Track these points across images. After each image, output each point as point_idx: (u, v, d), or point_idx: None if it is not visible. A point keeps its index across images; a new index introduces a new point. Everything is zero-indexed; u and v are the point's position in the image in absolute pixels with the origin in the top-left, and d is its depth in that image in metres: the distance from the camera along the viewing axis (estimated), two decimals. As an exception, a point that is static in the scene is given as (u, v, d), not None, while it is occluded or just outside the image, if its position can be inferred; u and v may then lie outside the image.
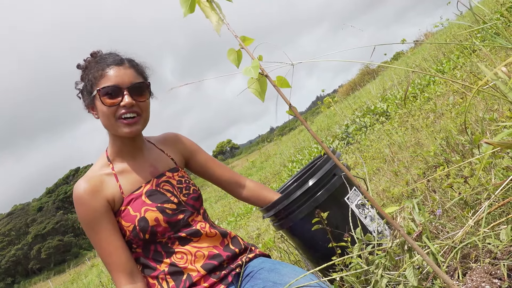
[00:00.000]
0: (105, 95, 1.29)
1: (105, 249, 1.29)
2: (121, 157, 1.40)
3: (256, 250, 1.47)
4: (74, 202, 1.32)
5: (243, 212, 6.11)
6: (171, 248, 1.33)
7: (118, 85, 1.30)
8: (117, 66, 1.33)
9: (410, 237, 0.91)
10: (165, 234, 1.32)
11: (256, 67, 0.83)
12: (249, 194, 1.64)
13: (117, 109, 1.30)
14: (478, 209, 1.26)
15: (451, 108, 2.87)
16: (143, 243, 1.32)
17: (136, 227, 1.29)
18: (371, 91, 7.90)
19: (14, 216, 62.72)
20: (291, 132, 22.63)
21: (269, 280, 1.26)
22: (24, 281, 50.06)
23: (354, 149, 4.42)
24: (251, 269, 1.36)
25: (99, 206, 1.29)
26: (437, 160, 2.03)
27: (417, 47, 12.78)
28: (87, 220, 1.29)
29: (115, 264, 1.28)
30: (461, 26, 6.63)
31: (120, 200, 1.33)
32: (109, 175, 1.36)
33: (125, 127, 1.31)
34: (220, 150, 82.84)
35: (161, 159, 1.47)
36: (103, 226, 1.29)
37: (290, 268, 1.31)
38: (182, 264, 1.31)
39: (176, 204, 1.36)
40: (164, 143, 1.55)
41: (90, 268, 21.58)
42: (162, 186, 1.38)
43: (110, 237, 1.29)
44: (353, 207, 1.52)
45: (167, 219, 1.31)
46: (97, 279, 11.15)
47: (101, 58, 1.35)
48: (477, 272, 1.01)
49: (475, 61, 3.86)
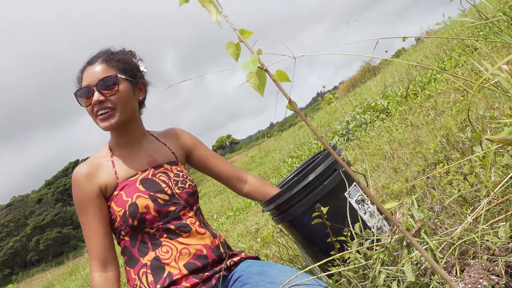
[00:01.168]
0: (80, 97, 1.37)
1: (86, 233, 1.35)
2: (119, 147, 1.45)
3: (242, 254, 1.45)
4: (72, 184, 1.38)
5: (242, 207, 6.12)
6: (158, 239, 1.33)
7: (88, 84, 1.36)
8: (89, 65, 1.40)
9: (408, 233, 0.92)
10: (153, 224, 1.32)
11: (255, 61, 0.82)
12: (251, 189, 1.64)
13: (93, 107, 1.36)
14: (477, 206, 1.27)
15: (451, 106, 2.87)
16: (131, 230, 1.33)
17: (126, 212, 1.31)
18: (371, 88, 7.90)
19: (13, 207, 62.80)
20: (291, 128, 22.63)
21: (260, 285, 1.24)
22: (22, 272, 50.20)
23: (354, 145, 4.42)
24: (239, 273, 1.34)
25: (90, 191, 1.34)
26: (437, 158, 2.04)
27: (418, 45, 12.75)
28: (79, 202, 1.36)
29: (91, 249, 1.34)
30: (463, 24, 6.62)
31: (114, 185, 1.37)
32: (107, 161, 1.41)
33: (101, 122, 1.37)
34: (220, 145, 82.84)
35: (161, 151, 1.49)
36: (89, 210, 1.34)
37: (279, 270, 1.28)
38: (166, 258, 1.30)
39: (169, 196, 1.36)
40: (166, 137, 1.56)
41: (88, 261, 21.61)
42: (158, 176, 1.40)
43: (93, 222, 1.34)
44: (353, 202, 1.52)
45: (157, 208, 1.32)
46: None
47: (86, 60, 1.43)
48: (475, 268, 1.01)
49: (476, 59, 3.86)
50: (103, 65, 1.38)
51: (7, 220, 58.25)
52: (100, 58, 1.40)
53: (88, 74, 1.37)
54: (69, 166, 71.71)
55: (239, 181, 1.64)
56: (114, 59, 1.41)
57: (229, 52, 0.88)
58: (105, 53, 1.43)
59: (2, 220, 58.43)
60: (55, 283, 17.60)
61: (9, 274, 52.05)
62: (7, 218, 58.68)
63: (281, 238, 2.43)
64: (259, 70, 0.85)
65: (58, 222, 57.26)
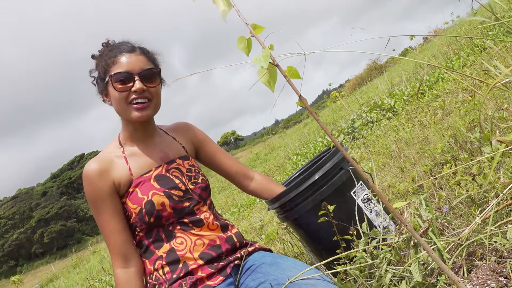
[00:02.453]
0: (117, 81, 1.34)
1: (105, 230, 1.35)
2: (132, 141, 1.44)
3: (256, 244, 1.47)
4: (83, 180, 1.37)
5: (246, 204, 6.13)
6: (172, 232, 1.34)
7: (129, 71, 1.34)
8: (128, 53, 1.37)
9: (416, 233, 0.91)
10: (169, 219, 1.34)
11: (266, 56, 0.82)
12: (256, 187, 1.64)
13: (129, 94, 1.34)
14: (485, 208, 1.26)
15: (459, 106, 2.85)
16: (147, 227, 1.34)
17: (143, 209, 1.31)
18: (378, 86, 7.86)
19: (19, 200, 63.23)
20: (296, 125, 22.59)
21: (271, 274, 1.26)
22: (27, 264, 50.60)
23: (360, 144, 4.41)
24: (252, 263, 1.36)
25: (105, 187, 1.34)
26: (445, 158, 2.02)
27: (426, 44, 12.67)
28: (92, 199, 1.34)
29: (112, 245, 1.34)
30: (472, 24, 6.57)
31: (129, 182, 1.36)
32: (119, 157, 1.40)
33: (136, 112, 1.35)
34: (225, 141, 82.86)
35: (172, 146, 1.49)
36: (105, 207, 1.34)
37: (291, 262, 1.31)
38: (181, 250, 1.31)
39: (183, 192, 1.37)
40: (175, 131, 1.57)
41: (92, 254, 21.77)
42: (172, 172, 1.40)
43: (110, 219, 1.34)
44: (359, 201, 1.52)
45: (173, 205, 1.33)
46: (99, 264, 11.25)
47: (113, 47, 1.40)
48: (483, 269, 1.00)
49: (486, 59, 3.83)
50: (143, 56, 1.39)
51: (12, 212, 58.68)
52: (138, 49, 1.40)
53: (129, 61, 1.35)
54: (75, 159, 72.10)
55: (246, 178, 1.65)
56: (152, 54, 1.44)
57: (240, 46, 0.88)
58: (140, 45, 1.43)
59: (7, 212, 58.87)
60: (59, 276, 17.72)
61: (14, 266, 52.47)
62: (12, 210, 59.11)
63: (286, 235, 2.43)
64: (270, 66, 0.84)
65: (63, 215, 57.61)
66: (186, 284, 1.26)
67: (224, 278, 1.30)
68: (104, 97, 1.43)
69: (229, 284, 1.30)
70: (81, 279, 10.64)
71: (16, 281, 8.06)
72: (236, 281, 1.34)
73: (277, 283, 1.21)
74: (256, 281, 1.27)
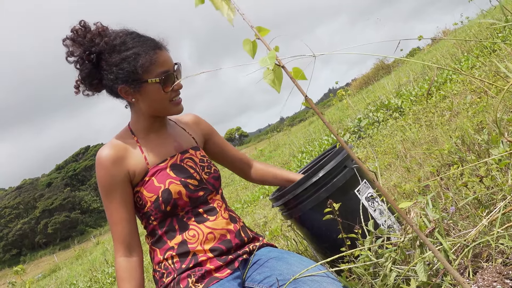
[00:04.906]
0: (167, 82, 1.33)
1: (112, 217, 1.33)
2: (146, 132, 1.42)
3: (264, 240, 1.48)
4: (96, 166, 1.34)
5: (250, 200, 6.13)
6: (186, 223, 1.34)
7: (170, 70, 1.34)
8: (161, 50, 1.34)
9: (422, 233, 0.91)
10: (184, 208, 1.34)
11: (272, 58, 0.82)
12: (260, 172, 1.70)
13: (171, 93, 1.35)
14: (492, 209, 1.25)
15: (468, 107, 2.83)
16: (162, 215, 1.33)
17: (159, 198, 1.31)
18: (385, 86, 7.83)
19: (23, 190, 63.68)
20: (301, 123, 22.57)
21: (277, 269, 1.27)
22: (30, 254, 51.01)
23: (365, 143, 4.39)
24: (259, 257, 1.37)
25: (119, 175, 1.32)
26: (451, 159, 2.01)
27: (434, 45, 12.59)
28: (104, 186, 1.32)
29: (117, 234, 1.33)
30: (481, 25, 6.51)
31: (144, 171, 1.35)
32: (134, 146, 1.38)
33: (177, 106, 1.38)
34: (229, 137, 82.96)
35: (184, 137, 1.50)
36: (117, 195, 1.32)
37: (297, 258, 1.32)
38: (193, 243, 1.32)
39: (198, 181, 1.38)
40: (185, 123, 1.58)
41: (95, 246, 21.91)
42: (186, 162, 1.41)
43: (120, 208, 1.33)
44: (363, 200, 1.51)
45: (189, 194, 1.34)
46: (102, 256, 11.32)
47: (138, 42, 1.32)
48: (489, 271, 1.00)
49: (495, 60, 3.79)
50: (169, 53, 1.38)
51: (17, 202, 59.12)
52: (164, 45, 1.38)
53: (167, 59, 1.34)
54: (80, 151, 72.47)
55: (250, 167, 1.70)
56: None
57: (245, 48, 0.88)
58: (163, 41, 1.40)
59: (12, 202, 59.32)
60: (62, 267, 17.85)
61: (17, 255, 52.93)
62: (17, 200, 59.55)
63: (290, 232, 2.43)
64: (276, 67, 0.84)
65: (67, 206, 57.99)
66: (195, 275, 1.27)
67: (232, 272, 1.31)
68: (127, 95, 1.36)
69: (236, 278, 1.31)
70: (83, 270, 10.71)
71: (19, 270, 8.11)
72: (244, 274, 1.35)
73: (282, 278, 1.22)
74: (262, 275, 1.28)
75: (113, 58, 1.31)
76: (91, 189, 65.54)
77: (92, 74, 1.35)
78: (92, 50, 1.32)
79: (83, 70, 1.34)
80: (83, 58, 1.33)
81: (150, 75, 1.30)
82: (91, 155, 69.59)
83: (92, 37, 1.33)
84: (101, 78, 1.36)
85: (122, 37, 1.33)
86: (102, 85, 1.38)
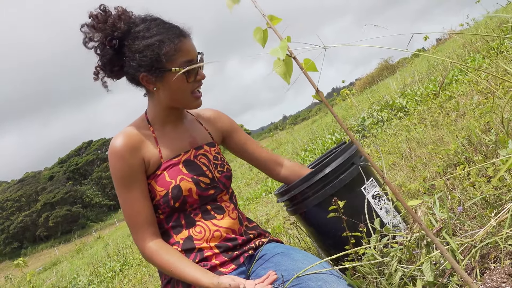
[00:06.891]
0: (192, 72, 1.28)
1: (133, 207, 1.27)
2: (162, 123, 1.38)
3: (270, 236, 1.47)
4: (110, 156, 1.28)
5: (252, 197, 6.12)
6: (193, 219, 1.32)
7: (193, 59, 1.29)
8: (186, 39, 1.29)
9: (430, 232, 0.89)
10: (193, 205, 1.32)
11: (284, 48, 0.80)
12: (288, 173, 1.60)
13: (194, 84, 1.31)
14: (500, 210, 1.23)
15: (474, 108, 2.80)
16: (170, 210, 1.31)
17: (169, 193, 1.28)
18: (390, 86, 7.80)
19: (25, 183, 63.86)
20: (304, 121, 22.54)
21: (282, 265, 1.26)
22: (31, 247, 51.21)
23: (369, 142, 4.37)
24: (264, 252, 1.36)
25: (136, 164, 1.27)
26: (458, 159, 1.99)
27: (439, 46, 12.54)
28: (121, 176, 1.26)
29: (141, 222, 1.27)
30: (487, 26, 6.47)
31: (157, 164, 1.31)
32: (149, 137, 1.34)
33: (197, 100, 1.33)
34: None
35: (200, 132, 1.46)
36: (137, 184, 1.27)
37: (302, 254, 1.30)
38: (198, 239, 1.30)
39: (209, 179, 1.35)
40: (204, 118, 1.53)
41: (96, 240, 21.99)
42: (199, 158, 1.37)
43: (140, 197, 1.27)
44: (369, 197, 1.50)
45: (199, 192, 1.31)
46: (103, 250, 11.35)
47: (163, 29, 1.28)
48: (497, 272, 0.98)
49: (502, 61, 3.77)
50: (193, 42, 1.32)
51: (19, 195, 59.30)
52: (189, 33, 1.32)
53: (191, 48, 1.29)
54: (82, 146, 72.63)
55: (276, 165, 1.60)
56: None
57: (256, 37, 0.86)
58: (188, 29, 1.34)
59: (14, 195, 59.51)
60: (63, 260, 17.91)
61: (18, 248, 53.14)
62: (19, 193, 59.73)
63: (292, 230, 2.42)
64: (286, 58, 0.83)
65: (68, 200, 58.14)
66: None
67: (236, 267, 1.29)
68: (148, 83, 1.31)
69: (240, 273, 1.30)
70: (84, 264, 10.74)
71: (21, 263, 8.13)
72: (249, 270, 1.33)
73: (287, 274, 1.21)
74: (267, 270, 1.27)
75: (136, 45, 1.25)
76: (93, 183, 65.69)
77: (113, 60, 1.30)
78: (114, 36, 1.27)
79: (104, 56, 1.29)
80: (104, 44, 1.28)
81: (173, 64, 1.26)
82: (94, 149, 69.77)
83: (114, 21, 1.26)
84: (122, 64, 1.30)
85: (147, 23, 1.28)
86: (123, 72, 1.33)
